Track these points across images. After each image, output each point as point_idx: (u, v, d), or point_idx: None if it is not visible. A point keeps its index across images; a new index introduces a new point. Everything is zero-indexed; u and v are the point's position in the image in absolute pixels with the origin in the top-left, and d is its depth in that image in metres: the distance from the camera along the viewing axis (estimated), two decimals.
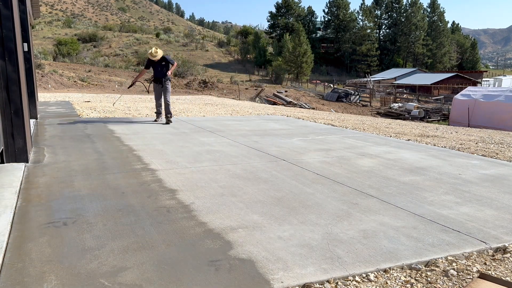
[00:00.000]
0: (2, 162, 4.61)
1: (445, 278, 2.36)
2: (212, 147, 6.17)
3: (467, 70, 64.16)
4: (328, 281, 2.27)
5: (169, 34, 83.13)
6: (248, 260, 2.47)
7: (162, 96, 8.75)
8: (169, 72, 8.68)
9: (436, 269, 2.46)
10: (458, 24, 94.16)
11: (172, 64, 8.74)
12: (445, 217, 3.27)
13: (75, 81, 28.44)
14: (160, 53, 8.54)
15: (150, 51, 8.58)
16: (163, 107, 8.85)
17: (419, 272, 2.43)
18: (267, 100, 30.70)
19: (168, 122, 8.68)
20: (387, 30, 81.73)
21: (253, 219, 3.16)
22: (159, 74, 8.68)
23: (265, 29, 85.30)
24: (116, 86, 28.83)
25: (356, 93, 39.83)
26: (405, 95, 39.85)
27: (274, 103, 28.71)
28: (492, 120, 17.70)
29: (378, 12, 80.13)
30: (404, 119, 24.35)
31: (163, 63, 8.65)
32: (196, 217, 3.17)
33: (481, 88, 28.10)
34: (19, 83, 4.49)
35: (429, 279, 2.35)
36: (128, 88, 10.34)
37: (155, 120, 8.97)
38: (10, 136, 4.57)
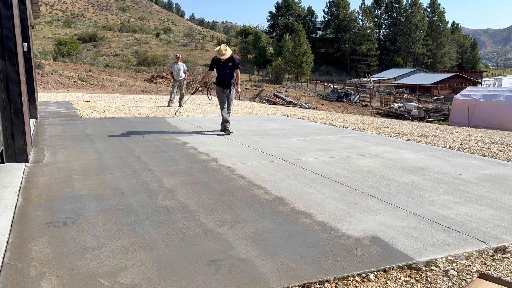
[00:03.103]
0: (2, 162, 4.61)
1: (445, 278, 2.36)
2: (212, 147, 6.17)
3: (467, 70, 64.13)
4: (328, 281, 2.27)
5: (169, 34, 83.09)
6: (248, 259, 2.47)
7: (229, 106, 7.58)
8: (238, 88, 7.63)
9: (436, 269, 2.46)
10: (458, 24, 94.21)
11: (237, 68, 7.47)
12: (445, 217, 3.27)
13: (75, 81, 28.43)
14: (229, 52, 7.24)
15: (217, 48, 7.27)
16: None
17: (419, 272, 2.43)
18: (267, 100, 30.69)
19: (226, 131, 7.55)
20: (387, 30, 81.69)
21: (253, 218, 3.16)
22: (226, 76, 7.36)
23: (265, 29, 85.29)
24: (116, 86, 28.83)
25: (356, 93, 39.82)
26: (405, 95, 39.83)
27: (274, 103, 28.71)
28: (492, 120, 17.69)
29: (378, 12, 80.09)
30: (404, 119, 24.34)
31: (230, 64, 7.33)
32: (196, 218, 3.17)
33: (481, 88, 28.08)
34: (19, 83, 4.49)
35: (429, 279, 2.35)
36: (192, 94, 8.72)
37: (225, 130, 7.50)
38: (10, 136, 4.57)
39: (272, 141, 6.77)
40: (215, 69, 7.43)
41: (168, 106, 13.40)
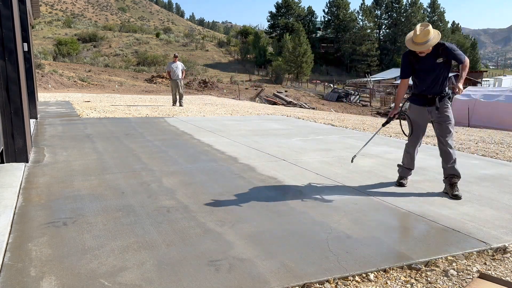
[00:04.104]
0: (2, 162, 4.61)
1: (445, 278, 2.36)
2: (212, 147, 6.17)
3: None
4: (328, 281, 2.27)
5: (169, 34, 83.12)
6: (248, 259, 2.47)
7: (440, 139, 3.94)
8: (459, 84, 3.72)
9: (436, 269, 2.46)
10: (458, 24, 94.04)
11: (462, 62, 3.80)
12: (445, 217, 3.27)
13: (75, 81, 28.43)
14: (435, 38, 3.67)
15: (409, 35, 3.79)
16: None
17: (419, 272, 2.43)
18: (267, 100, 30.68)
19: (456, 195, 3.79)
20: (387, 30, 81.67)
21: (254, 218, 3.16)
22: (431, 85, 3.90)
23: (265, 29, 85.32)
24: (116, 86, 28.82)
25: (356, 93, 39.81)
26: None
27: (274, 103, 28.70)
28: (492, 120, 17.68)
29: (378, 12, 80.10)
30: (404, 119, 24.30)
31: (440, 60, 3.80)
32: (196, 218, 3.17)
33: (481, 88, 28.10)
34: (19, 83, 4.49)
35: (429, 279, 2.35)
36: (384, 125, 4.40)
37: (399, 184, 4.19)
38: (10, 136, 4.57)
39: (272, 141, 6.77)
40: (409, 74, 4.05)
41: (173, 105, 13.77)
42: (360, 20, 76.54)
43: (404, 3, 77.87)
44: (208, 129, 8.10)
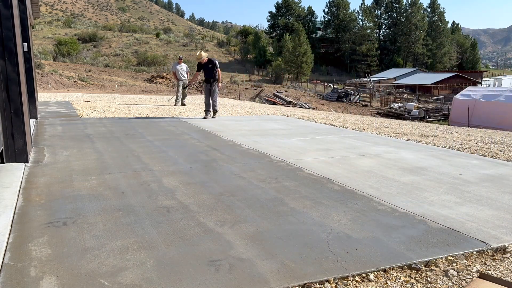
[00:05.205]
0: (2, 162, 4.61)
1: (445, 278, 2.37)
2: (212, 147, 6.17)
3: (467, 70, 64.04)
4: (328, 281, 2.27)
5: (169, 34, 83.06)
6: (248, 259, 2.47)
7: (212, 97, 9.94)
8: (219, 84, 10.06)
9: (436, 269, 2.46)
10: (458, 24, 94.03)
11: (217, 68, 9.82)
12: (445, 217, 3.27)
13: (75, 81, 28.42)
14: (204, 56, 9.75)
15: (196, 54, 9.72)
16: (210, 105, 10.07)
17: (419, 272, 2.43)
18: (267, 100, 30.66)
19: (213, 117, 10.09)
20: (387, 30, 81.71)
21: (254, 218, 3.16)
22: (208, 75, 9.84)
23: (265, 29, 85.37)
24: (116, 86, 28.82)
25: (356, 93, 39.81)
26: (405, 95, 39.82)
27: (274, 103, 28.69)
28: (492, 120, 17.69)
29: (378, 12, 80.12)
30: (404, 119, 24.33)
31: (210, 65, 9.74)
32: (196, 218, 3.17)
33: (481, 88, 28.12)
34: (19, 83, 4.49)
35: (429, 279, 2.35)
36: (185, 88, 13.58)
37: (204, 117, 9.88)
38: (10, 136, 4.57)
39: (272, 141, 6.77)
40: (201, 70, 9.97)
41: (175, 105, 13.84)
42: (360, 20, 76.55)
43: (404, 3, 77.86)
44: (208, 129, 8.10)
